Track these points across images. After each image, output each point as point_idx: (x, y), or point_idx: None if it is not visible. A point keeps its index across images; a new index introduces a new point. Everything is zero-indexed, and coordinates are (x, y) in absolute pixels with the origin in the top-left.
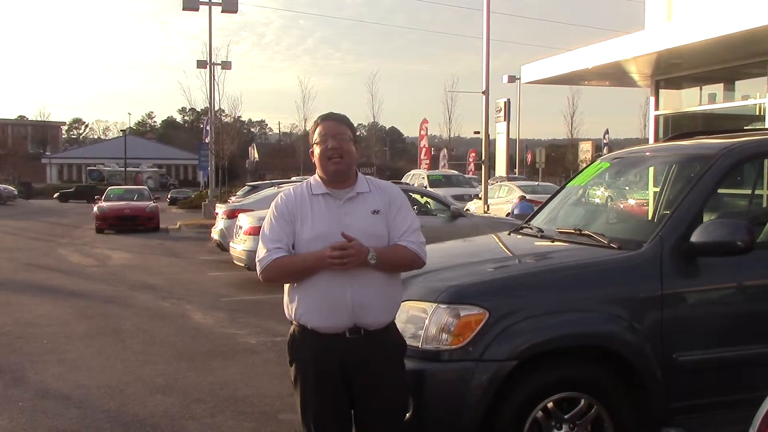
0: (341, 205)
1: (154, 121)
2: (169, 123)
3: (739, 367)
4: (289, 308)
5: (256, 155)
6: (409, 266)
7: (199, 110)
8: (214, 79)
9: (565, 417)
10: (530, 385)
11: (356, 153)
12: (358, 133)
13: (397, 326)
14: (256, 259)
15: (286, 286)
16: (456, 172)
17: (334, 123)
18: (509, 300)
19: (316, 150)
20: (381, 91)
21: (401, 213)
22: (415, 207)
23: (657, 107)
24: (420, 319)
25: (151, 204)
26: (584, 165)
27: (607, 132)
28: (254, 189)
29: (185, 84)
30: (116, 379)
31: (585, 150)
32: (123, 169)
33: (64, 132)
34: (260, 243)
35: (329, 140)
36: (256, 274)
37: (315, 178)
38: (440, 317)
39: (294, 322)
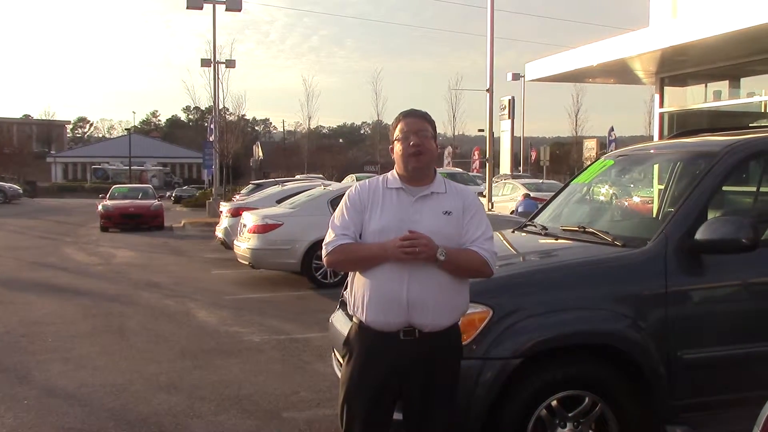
0: (413, 202)
1: (159, 120)
2: (174, 122)
3: (744, 365)
4: (350, 302)
5: (261, 154)
6: (477, 272)
7: (204, 109)
8: (218, 77)
9: (569, 415)
10: (534, 383)
11: (436, 150)
12: (362, 132)
13: None
14: (323, 243)
15: (349, 281)
16: (460, 170)
17: (416, 119)
18: (513, 298)
19: (397, 146)
20: (385, 89)
21: (476, 218)
22: None
23: (662, 104)
24: None
25: (155, 202)
26: (588, 162)
27: (612, 129)
28: (258, 187)
29: (189, 83)
30: (120, 377)
31: (589, 147)
32: (128, 167)
33: (68, 131)
34: (329, 229)
35: (411, 137)
36: (259, 272)
37: (392, 174)
38: None
39: (354, 318)
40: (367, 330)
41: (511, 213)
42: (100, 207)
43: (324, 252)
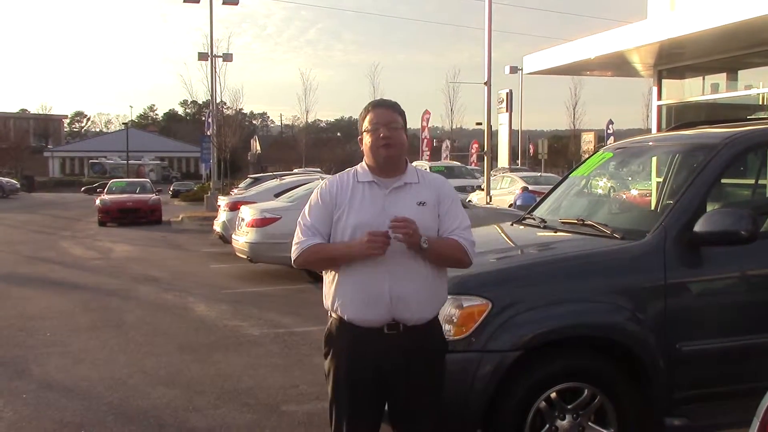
0: (387, 195)
1: (156, 114)
2: (171, 116)
3: (743, 357)
4: (328, 299)
5: (258, 147)
6: (458, 261)
7: (201, 103)
8: (215, 71)
9: (569, 407)
10: (533, 376)
11: (407, 141)
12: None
13: None
14: (293, 243)
15: (326, 277)
16: (458, 163)
17: (386, 110)
18: (512, 290)
19: (366, 138)
20: (383, 83)
21: (452, 209)
22: None
23: (660, 97)
24: None
25: (153, 196)
26: (587, 155)
27: (610, 122)
28: (256, 181)
29: (187, 76)
30: (119, 371)
31: (587, 141)
32: (125, 161)
33: (66, 125)
34: (297, 227)
35: (381, 129)
36: (258, 265)
37: (362, 166)
38: (443, 308)
39: (332, 314)
40: (350, 326)
41: (510, 206)
42: (98, 201)
43: (293, 252)
